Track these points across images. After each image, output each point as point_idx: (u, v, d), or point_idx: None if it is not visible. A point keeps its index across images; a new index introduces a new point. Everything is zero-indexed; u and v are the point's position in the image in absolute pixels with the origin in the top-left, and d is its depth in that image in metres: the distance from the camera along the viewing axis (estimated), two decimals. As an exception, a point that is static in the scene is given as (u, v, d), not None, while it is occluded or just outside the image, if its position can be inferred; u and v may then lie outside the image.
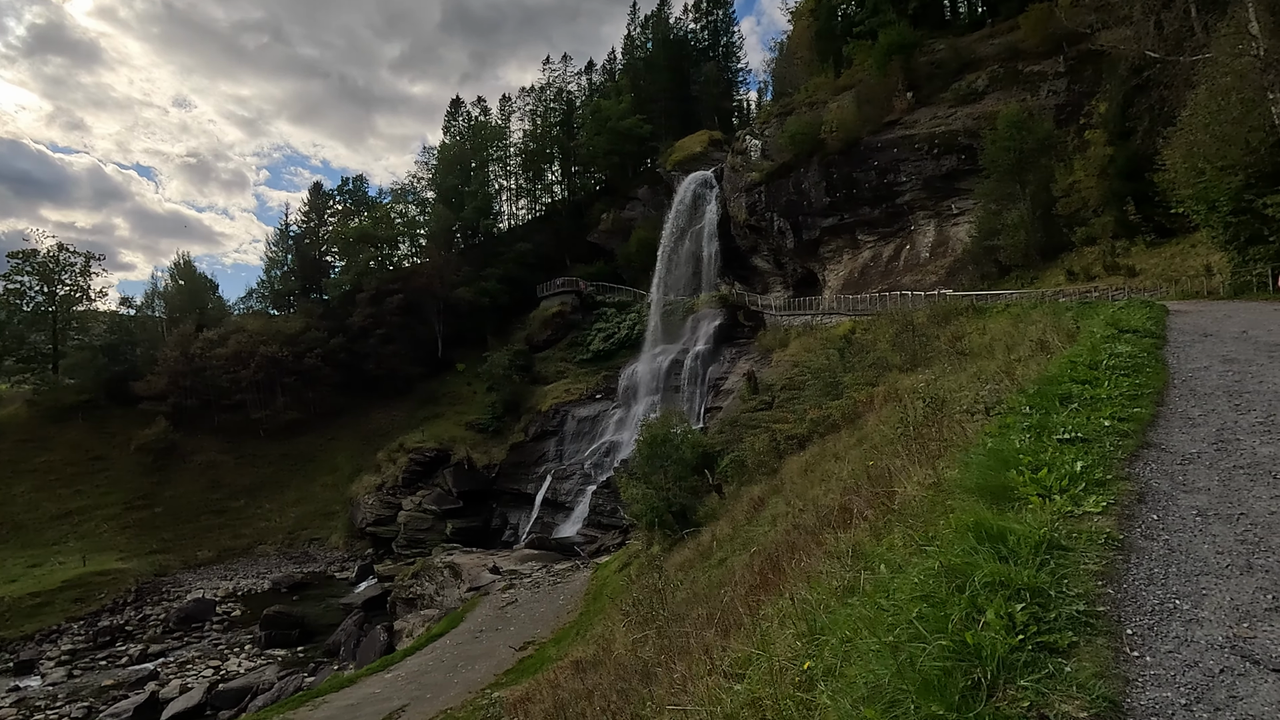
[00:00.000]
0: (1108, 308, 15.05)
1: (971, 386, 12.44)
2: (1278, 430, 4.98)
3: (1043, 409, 4.91)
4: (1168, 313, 12.12)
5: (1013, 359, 14.90)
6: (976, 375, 16.14)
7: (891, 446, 10.12)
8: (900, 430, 8.68)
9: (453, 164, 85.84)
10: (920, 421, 8.44)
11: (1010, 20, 42.75)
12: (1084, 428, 4.45)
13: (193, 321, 64.23)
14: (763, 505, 21.80)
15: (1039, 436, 4.19)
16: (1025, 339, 17.36)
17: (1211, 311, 12.97)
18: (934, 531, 3.17)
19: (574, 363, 65.42)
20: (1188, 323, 11.25)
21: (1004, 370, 9.69)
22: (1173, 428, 5.11)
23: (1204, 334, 9.84)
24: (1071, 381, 5.68)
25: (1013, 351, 16.37)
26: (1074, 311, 17.74)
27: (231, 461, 60.83)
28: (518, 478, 56.62)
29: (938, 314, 27.48)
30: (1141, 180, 24.79)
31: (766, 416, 29.93)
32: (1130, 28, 21.84)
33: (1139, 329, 8.89)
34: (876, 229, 45.05)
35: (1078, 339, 9.74)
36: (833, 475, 17.95)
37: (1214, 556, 2.86)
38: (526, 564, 38.37)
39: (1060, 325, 13.97)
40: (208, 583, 48.68)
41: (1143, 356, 7.18)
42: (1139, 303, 12.59)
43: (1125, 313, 10.85)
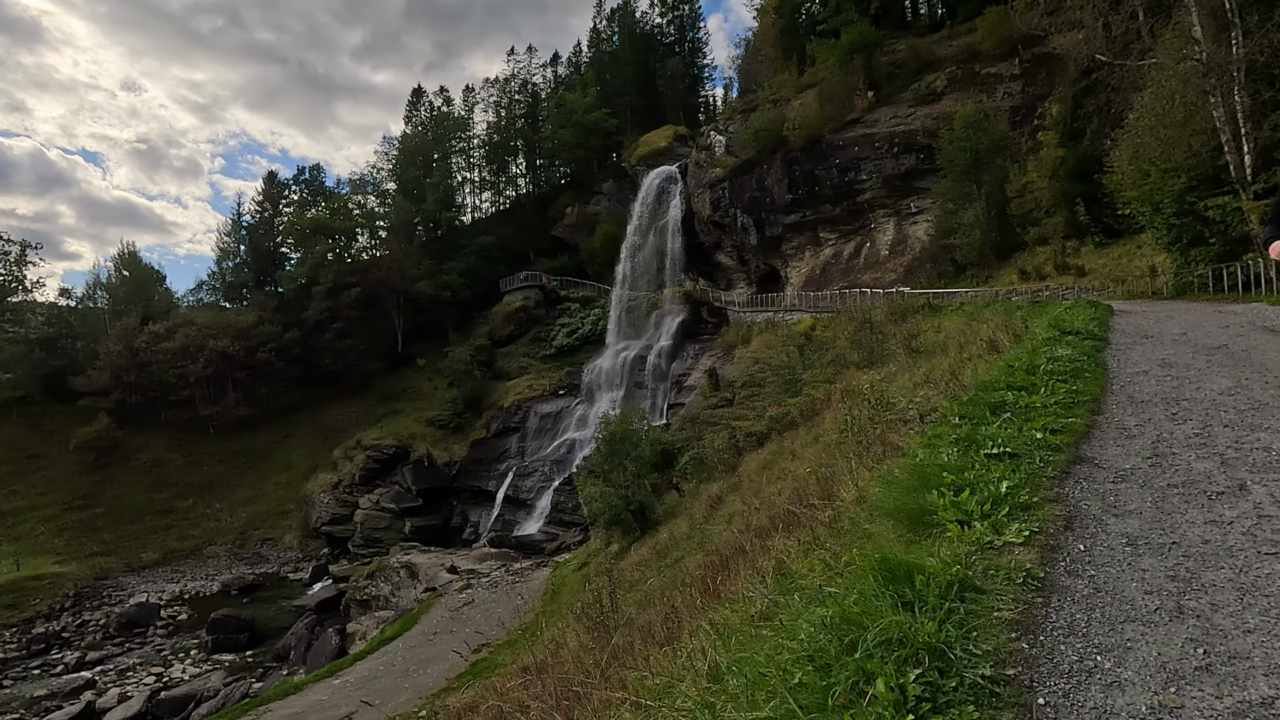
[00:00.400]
0: (1056, 307, 15.19)
1: (920, 389, 12.38)
2: (1212, 443, 4.77)
3: (974, 419, 4.70)
4: (1112, 313, 12.19)
5: (964, 357, 14.95)
6: (927, 375, 16.19)
7: (840, 448, 9.95)
8: (845, 433, 8.50)
9: (414, 155, 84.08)
10: (865, 425, 8.26)
11: (969, 22, 43.35)
12: (1014, 440, 4.23)
13: (137, 314, 61.69)
14: (720, 504, 21.67)
15: (967, 450, 3.96)
16: (976, 338, 17.47)
17: (1154, 312, 13.09)
18: (847, 558, 2.91)
19: (537, 358, 64.69)
20: (1131, 324, 11.30)
21: (951, 371, 9.60)
22: (1107, 440, 4.89)
23: (1145, 335, 9.86)
24: (1008, 388, 5.50)
25: (964, 349, 16.46)
26: (1024, 310, 17.92)
27: (179, 460, 58.67)
28: (479, 475, 55.79)
29: (895, 312, 27.68)
30: (1091, 182, 25.30)
31: (727, 413, 29.85)
32: (1081, 31, 22.18)
33: (1082, 330, 8.88)
34: (838, 227, 45.37)
35: (1023, 339, 9.69)
36: (789, 473, 17.86)
37: (1142, 598, 2.62)
38: (485, 563, 37.77)
39: (1010, 325, 14.02)
40: (152, 586, 46.88)
41: (1083, 360, 7.03)
42: (1086, 303, 12.67)
43: (1071, 313, 10.82)
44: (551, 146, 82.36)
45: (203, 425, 61.03)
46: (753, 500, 18.62)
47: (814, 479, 8.37)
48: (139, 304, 63.97)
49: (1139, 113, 18.45)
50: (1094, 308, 12.13)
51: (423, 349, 70.03)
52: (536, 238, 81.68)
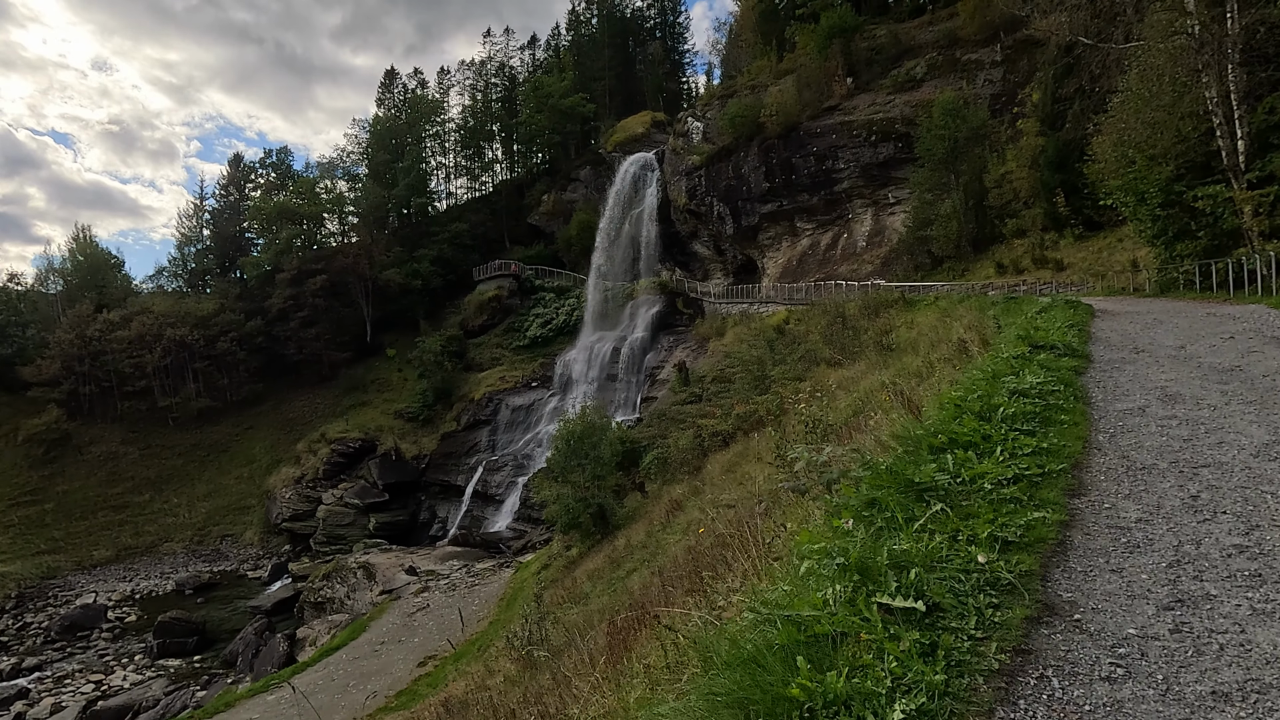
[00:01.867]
0: (1032, 304, 14.10)
1: (871, 402, 11.21)
2: (1274, 567, 2.89)
3: (886, 512, 3.00)
4: (1093, 315, 10.97)
5: (933, 359, 13.86)
6: (892, 379, 15.11)
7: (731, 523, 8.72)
8: (774, 466, 7.28)
9: (386, 138, 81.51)
10: (761, 492, 7.05)
11: (950, 7, 42.20)
12: (940, 569, 2.55)
13: (91, 301, 59.14)
14: (680, 509, 20.51)
15: (856, 593, 2.28)
16: (946, 338, 16.42)
17: (1140, 314, 11.95)
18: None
19: (510, 349, 63.12)
20: (1115, 330, 10.16)
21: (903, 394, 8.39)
22: (1095, 563, 3.11)
23: (1135, 348, 8.39)
24: (949, 446, 3.71)
25: (935, 349, 15.38)
26: (999, 308, 16.88)
27: (135, 453, 56.51)
28: (448, 469, 54.32)
29: (869, 306, 26.64)
30: (1071, 171, 24.30)
31: (694, 410, 28.69)
32: (1064, 11, 21.06)
33: (1058, 344, 7.40)
34: (815, 217, 44.21)
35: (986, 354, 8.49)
36: (751, 479, 16.76)
37: None
38: (447, 563, 36.44)
39: (981, 325, 12.91)
40: (103, 585, 45.02)
41: (1057, 391, 5.44)
42: (1063, 302, 11.44)
43: (1047, 318, 9.50)
44: (528, 131, 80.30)
45: (161, 417, 58.86)
46: (710, 510, 17.49)
47: (690, 565, 7.11)
48: (93, 290, 61.33)
49: (1124, 95, 17.25)
50: (1073, 309, 10.92)
51: (393, 338, 68.09)
52: (512, 225, 79.81)
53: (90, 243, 66.40)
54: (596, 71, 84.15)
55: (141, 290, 68.92)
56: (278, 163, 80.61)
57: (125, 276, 69.13)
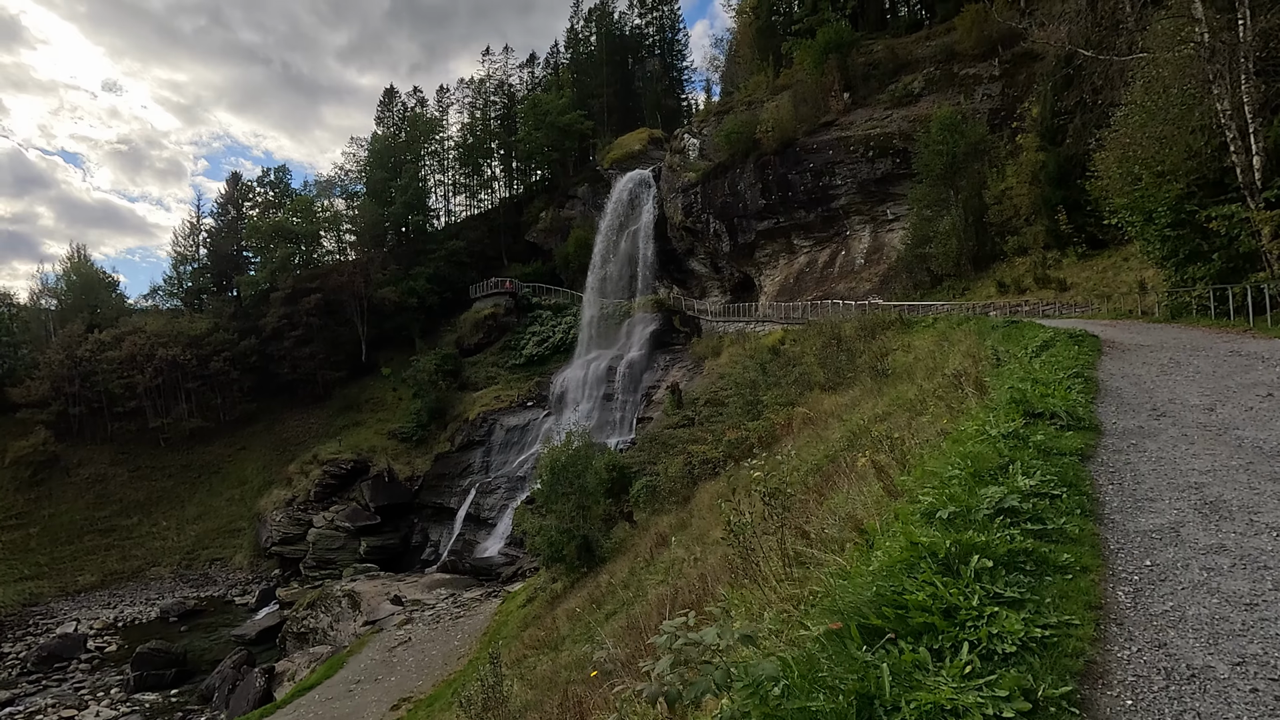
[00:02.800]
0: (1033, 333, 13.15)
1: (859, 441, 10.30)
2: None
3: None
4: (1100, 351, 9.87)
5: (929, 389, 12.95)
6: (886, 411, 14.17)
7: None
8: (729, 537, 6.34)
9: (384, 156, 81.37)
10: (748, 534, 6.14)
11: (947, 22, 41.68)
12: None
13: (83, 321, 58.61)
14: (665, 544, 19.51)
15: None
16: (943, 366, 15.52)
17: (1153, 348, 10.78)
18: None
19: (505, 368, 62.28)
20: (1128, 377, 8.70)
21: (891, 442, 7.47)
22: None
23: (1154, 409, 6.88)
24: (893, 629, 2.32)
25: (931, 377, 14.47)
26: (999, 334, 15.98)
27: (124, 474, 55.65)
28: (441, 491, 53.34)
29: (865, 327, 25.72)
30: (1073, 187, 23.43)
31: (686, 435, 27.70)
32: (1063, 22, 20.30)
33: (1059, 411, 5.93)
34: (812, 234, 43.42)
35: (987, 390, 7.53)
36: (748, 504, 15.78)
37: None
38: (434, 591, 35.35)
39: (979, 355, 11.97)
40: (86, 612, 43.96)
41: (1058, 499, 4.01)
42: (1066, 337, 10.33)
43: (1048, 359, 8.30)
44: (526, 149, 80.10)
45: (152, 438, 58.06)
46: (695, 548, 16.50)
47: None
48: (86, 310, 60.84)
49: (1128, 109, 16.30)
50: (1078, 344, 9.80)
51: (388, 357, 67.38)
52: (510, 242, 79.42)
53: (85, 262, 66.07)
54: (594, 89, 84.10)
55: (136, 309, 68.34)
56: (276, 181, 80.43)
57: (120, 296, 68.71)
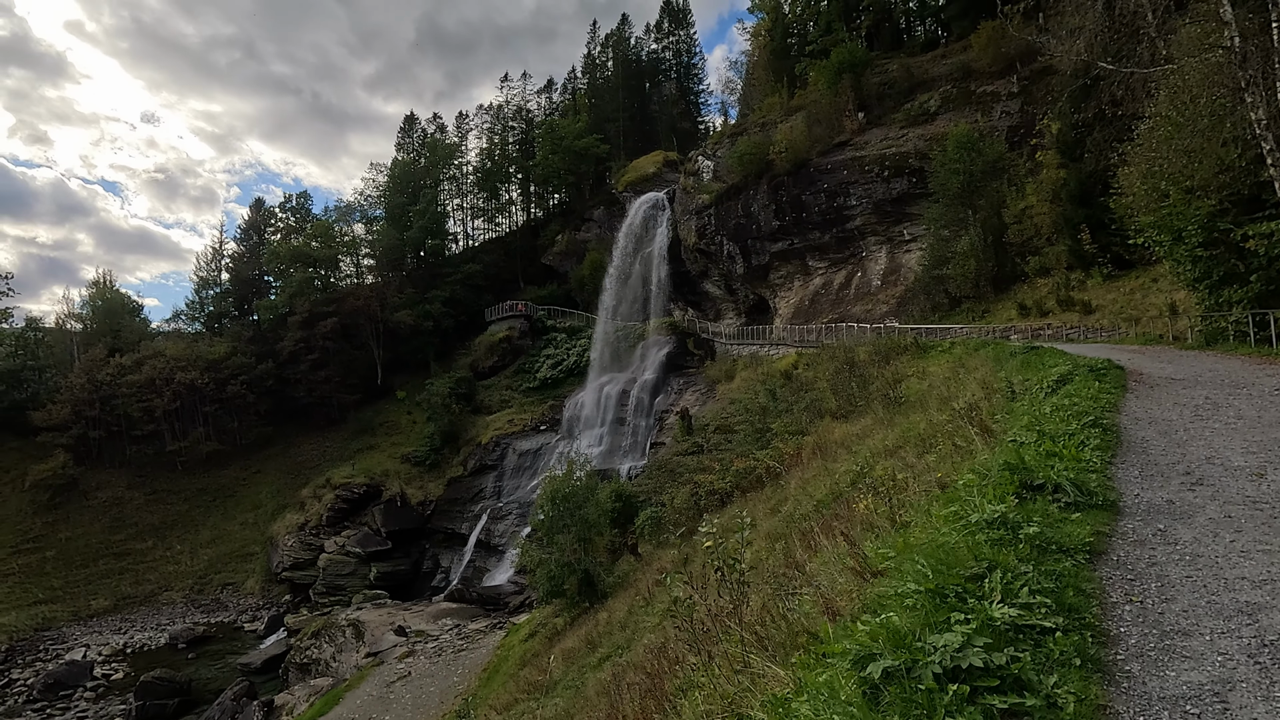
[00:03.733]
0: (1053, 362, 12.19)
1: (859, 484, 9.45)
2: None
3: None
4: (1124, 390, 8.75)
5: (941, 421, 12.03)
6: (898, 442, 13.25)
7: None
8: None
9: (404, 182, 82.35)
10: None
11: (963, 40, 40.97)
12: None
13: (105, 345, 59.46)
14: (665, 582, 18.59)
15: None
16: (958, 394, 14.59)
17: (1187, 382, 9.53)
18: None
19: (519, 391, 61.90)
20: (1157, 424, 7.27)
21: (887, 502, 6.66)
22: None
23: (1187, 475, 5.43)
24: None
25: (945, 407, 13.54)
26: (1016, 362, 15.01)
27: (140, 498, 55.91)
28: (453, 516, 52.75)
29: (879, 352, 24.78)
30: (1096, 205, 22.38)
31: (694, 463, 26.81)
32: (1080, 36, 19.47)
33: (1066, 482, 4.49)
34: (827, 255, 42.56)
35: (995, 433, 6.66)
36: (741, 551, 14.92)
37: None
38: (440, 621, 34.56)
39: (992, 386, 11.05)
40: (97, 637, 43.82)
41: (1049, 637, 2.72)
42: (1086, 373, 9.13)
43: (1062, 399, 7.12)
44: (543, 173, 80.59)
45: (169, 461, 58.41)
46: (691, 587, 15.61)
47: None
48: (108, 335, 61.77)
49: (1152, 121, 15.27)
50: (1098, 380, 8.67)
51: (403, 380, 67.42)
52: (526, 265, 79.61)
53: (110, 287, 67.32)
54: (610, 113, 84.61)
55: (159, 334, 69.36)
56: (297, 206, 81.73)
57: (144, 321, 69.79)
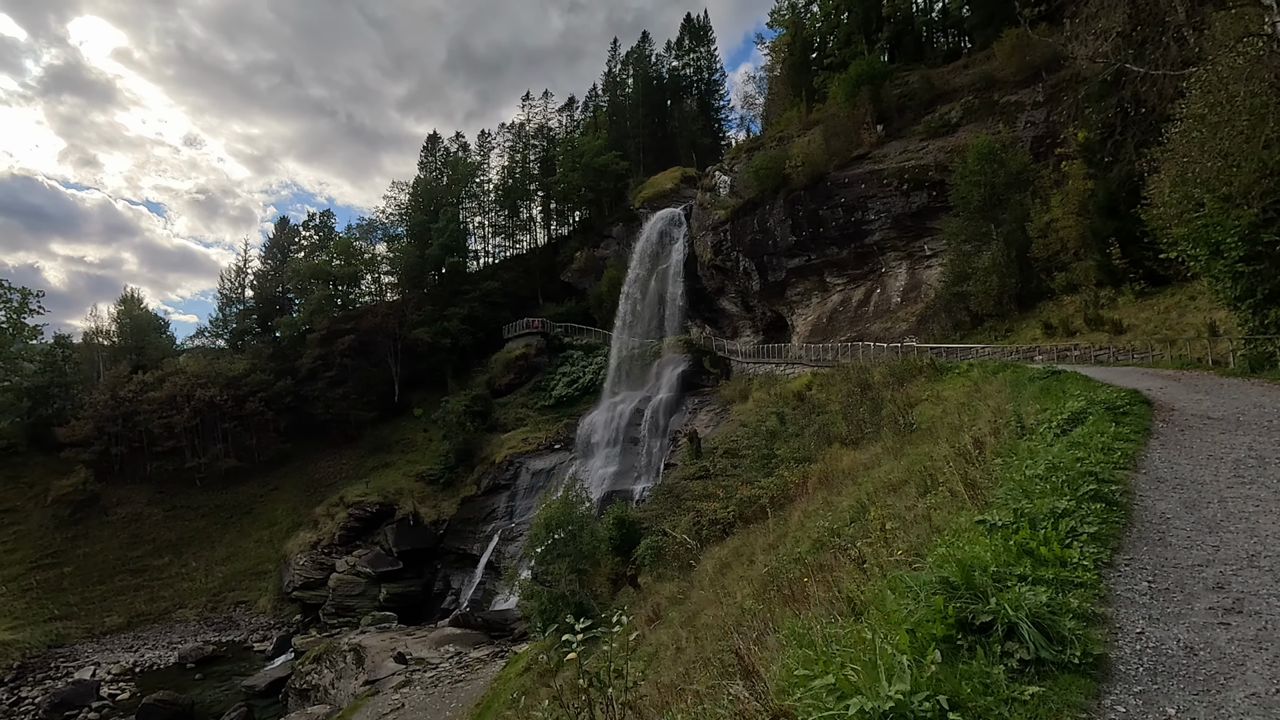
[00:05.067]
0: (1074, 389, 10.93)
1: (853, 531, 8.39)
2: None
3: None
4: (1148, 434, 7.28)
5: (949, 453, 10.82)
6: (903, 477, 12.04)
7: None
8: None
9: (426, 201, 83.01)
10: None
11: (986, 49, 39.64)
12: None
13: (129, 362, 60.35)
14: (658, 619, 17.45)
15: None
16: (972, 423, 13.33)
17: (1226, 422, 8.08)
18: None
19: (535, 409, 61.25)
20: (1182, 498, 5.39)
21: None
22: None
23: (1223, 596, 3.87)
24: None
25: (957, 436, 12.31)
26: (1037, 386, 13.71)
27: (160, 514, 56.26)
28: (465, 536, 52.05)
29: (895, 373, 23.45)
30: (1126, 217, 20.87)
31: (699, 488, 25.62)
32: (1106, 39, 18.20)
33: (1021, 626, 3.03)
34: (846, 271, 41.23)
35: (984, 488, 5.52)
36: (741, 586, 13.79)
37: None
38: (442, 648, 33.64)
39: (1004, 418, 9.84)
40: (108, 655, 43.77)
41: None
42: (1103, 413, 7.67)
43: (1062, 462, 5.16)
44: (563, 190, 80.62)
45: (188, 477, 58.78)
46: (683, 633, 14.50)
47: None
48: (133, 352, 62.73)
49: (1186, 124, 13.76)
50: (1116, 421, 7.16)
51: (421, 398, 67.28)
52: (546, 282, 79.43)
53: (137, 304, 68.52)
54: (630, 130, 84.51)
55: (183, 350, 70.37)
56: (320, 224, 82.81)
57: (169, 338, 70.90)
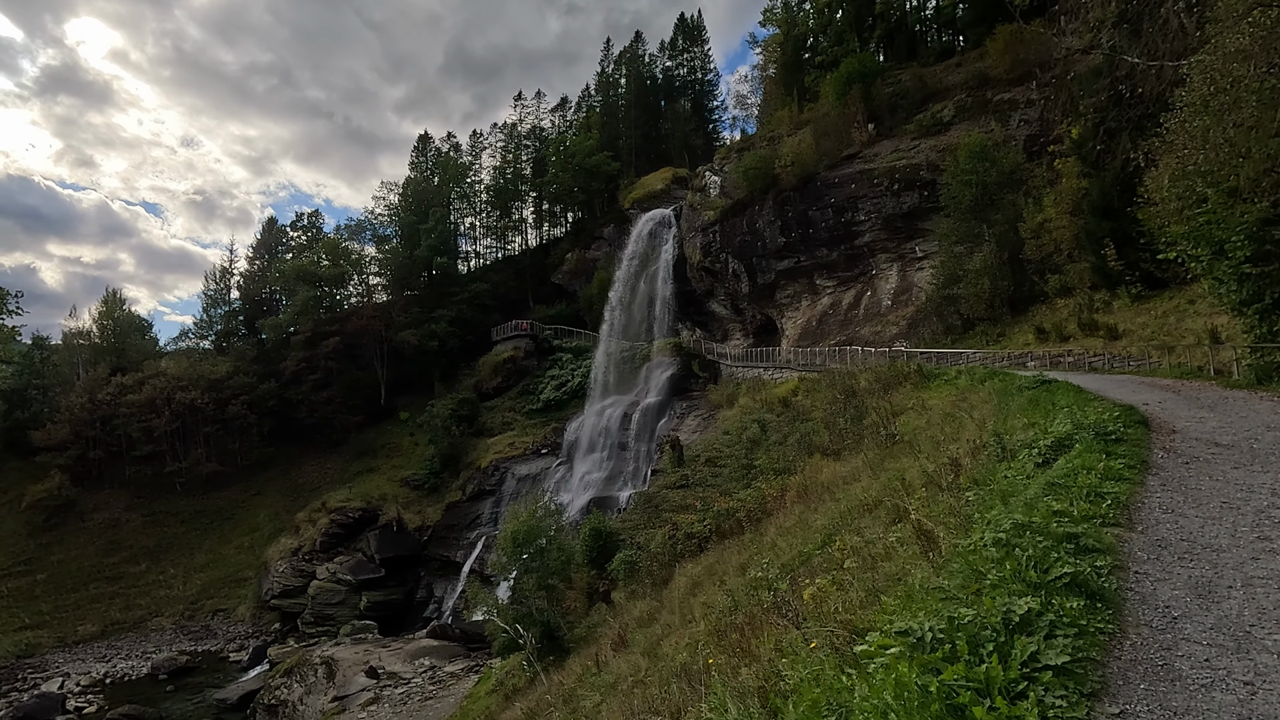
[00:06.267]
0: (1064, 401, 9.94)
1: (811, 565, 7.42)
2: None
3: None
4: (1146, 468, 5.87)
5: (929, 470, 9.81)
6: (878, 497, 11.03)
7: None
8: None
9: (416, 201, 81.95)
10: None
11: (980, 47, 38.74)
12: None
13: (108, 364, 59.16)
14: (624, 644, 16.40)
15: None
16: (957, 434, 12.35)
17: (1241, 459, 6.56)
18: None
19: (522, 413, 60.19)
20: (1190, 575, 4.02)
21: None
22: None
23: None
24: None
25: (939, 450, 11.32)
26: (1025, 398, 12.72)
27: (137, 520, 55.07)
28: (449, 543, 50.96)
29: (881, 380, 22.46)
30: (1122, 217, 19.91)
31: (678, 498, 24.61)
32: (1104, 32, 17.25)
33: None
34: (836, 273, 40.28)
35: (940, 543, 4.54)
36: (711, 609, 12.78)
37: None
38: (416, 661, 32.53)
39: (985, 435, 8.85)
40: (79, 666, 42.59)
41: None
42: (1092, 441, 6.35)
43: (1036, 519, 3.53)
44: (554, 191, 79.63)
45: (168, 482, 57.62)
46: (643, 663, 13.46)
47: None
48: (113, 354, 61.55)
49: (1186, 112, 12.46)
50: (1107, 452, 5.72)
51: (407, 401, 66.15)
52: (537, 284, 78.39)
53: (119, 305, 67.30)
54: (623, 130, 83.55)
55: (165, 353, 69.15)
56: (309, 225, 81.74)
57: (152, 339, 69.70)
